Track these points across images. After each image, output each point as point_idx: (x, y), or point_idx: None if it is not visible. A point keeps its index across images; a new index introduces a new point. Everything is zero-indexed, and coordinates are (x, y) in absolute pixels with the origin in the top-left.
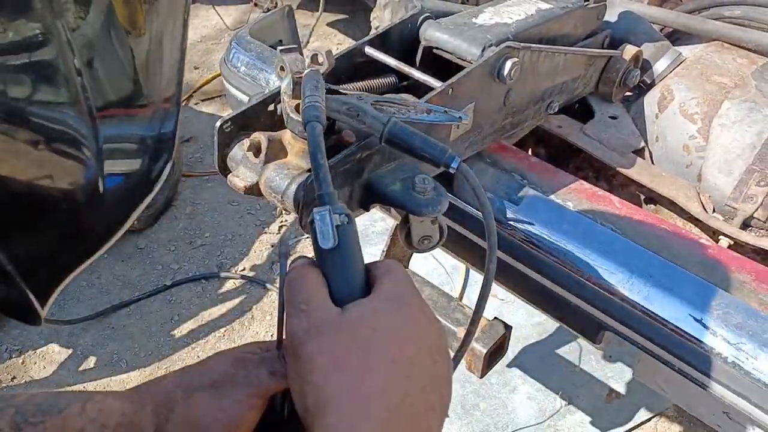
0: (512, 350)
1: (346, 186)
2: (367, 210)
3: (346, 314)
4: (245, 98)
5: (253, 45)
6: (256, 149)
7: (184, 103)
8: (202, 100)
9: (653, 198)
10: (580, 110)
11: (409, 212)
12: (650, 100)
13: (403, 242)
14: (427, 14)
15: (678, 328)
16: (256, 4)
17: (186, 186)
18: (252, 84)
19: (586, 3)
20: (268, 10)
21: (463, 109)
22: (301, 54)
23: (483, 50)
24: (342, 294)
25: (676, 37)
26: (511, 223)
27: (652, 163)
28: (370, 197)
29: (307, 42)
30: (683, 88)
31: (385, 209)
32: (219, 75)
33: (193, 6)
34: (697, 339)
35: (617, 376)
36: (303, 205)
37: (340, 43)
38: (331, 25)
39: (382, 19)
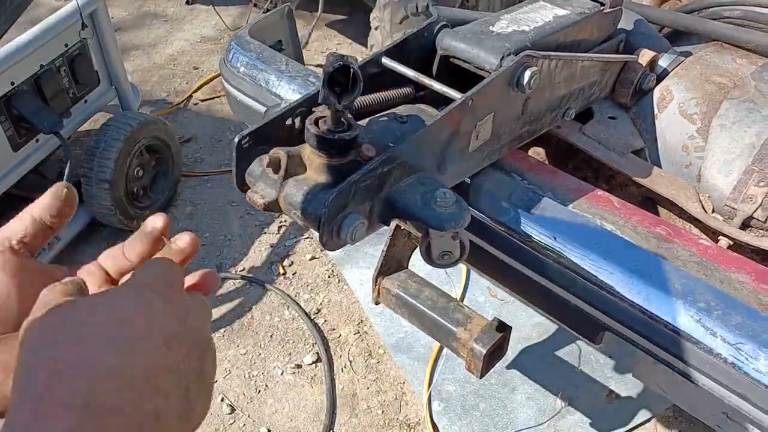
0: (512, 351)
1: (366, 201)
2: (388, 225)
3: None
4: (245, 99)
5: (253, 45)
6: (275, 165)
7: (183, 104)
8: (202, 101)
9: (652, 198)
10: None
11: (430, 227)
12: (649, 100)
13: (424, 257)
14: (444, 23)
15: (677, 328)
16: (255, 5)
17: (186, 186)
18: (252, 84)
19: (602, 8)
20: (268, 10)
21: (483, 119)
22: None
23: (501, 59)
24: None
25: (676, 37)
26: (511, 223)
27: (652, 163)
28: (390, 212)
29: (306, 42)
30: (682, 88)
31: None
32: (218, 75)
33: (192, 6)
34: (697, 339)
35: (617, 377)
36: (324, 221)
37: (340, 44)
38: (330, 25)
39: (381, 19)
